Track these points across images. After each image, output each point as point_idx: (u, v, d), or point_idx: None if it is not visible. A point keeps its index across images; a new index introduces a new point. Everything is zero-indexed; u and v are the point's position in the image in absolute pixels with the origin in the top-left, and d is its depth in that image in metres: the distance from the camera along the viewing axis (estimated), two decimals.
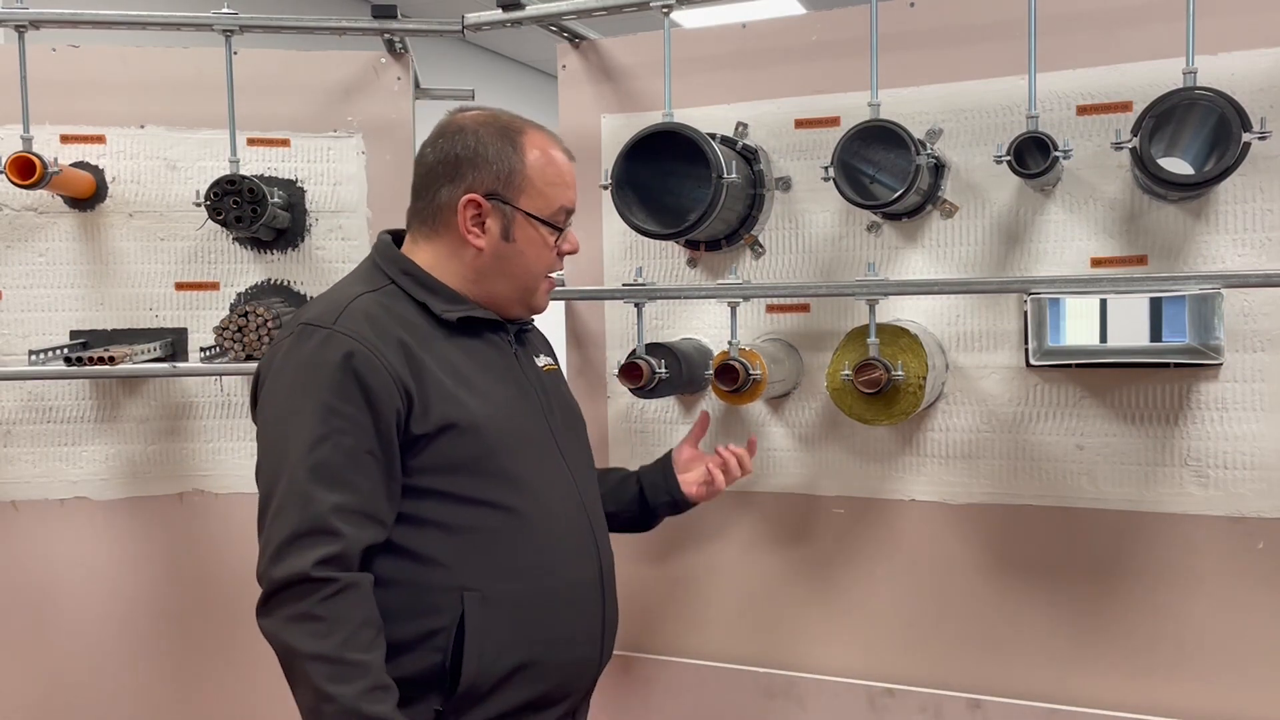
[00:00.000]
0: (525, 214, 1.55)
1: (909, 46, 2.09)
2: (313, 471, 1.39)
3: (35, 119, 2.16)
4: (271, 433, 1.46)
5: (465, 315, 1.55)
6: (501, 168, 1.54)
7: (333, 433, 1.40)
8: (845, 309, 2.17)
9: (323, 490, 1.39)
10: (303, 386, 1.44)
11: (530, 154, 1.56)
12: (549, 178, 1.57)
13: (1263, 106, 1.83)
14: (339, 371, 1.42)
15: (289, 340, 1.48)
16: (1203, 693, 1.96)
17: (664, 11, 2.09)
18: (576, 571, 1.58)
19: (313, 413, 1.41)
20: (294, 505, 1.39)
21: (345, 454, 1.40)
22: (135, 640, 2.39)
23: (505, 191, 1.54)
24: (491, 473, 1.50)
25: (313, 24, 2.32)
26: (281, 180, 2.38)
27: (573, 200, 1.62)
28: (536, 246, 1.58)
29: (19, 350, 2.31)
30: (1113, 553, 2.01)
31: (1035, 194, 2.03)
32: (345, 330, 1.45)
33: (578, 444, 1.72)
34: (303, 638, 1.37)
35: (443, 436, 1.47)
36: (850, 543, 2.21)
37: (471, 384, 1.52)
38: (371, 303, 1.51)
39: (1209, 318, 1.92)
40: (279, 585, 1.38)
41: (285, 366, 1.47)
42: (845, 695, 2.18)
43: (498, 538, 1.50)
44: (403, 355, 1.46)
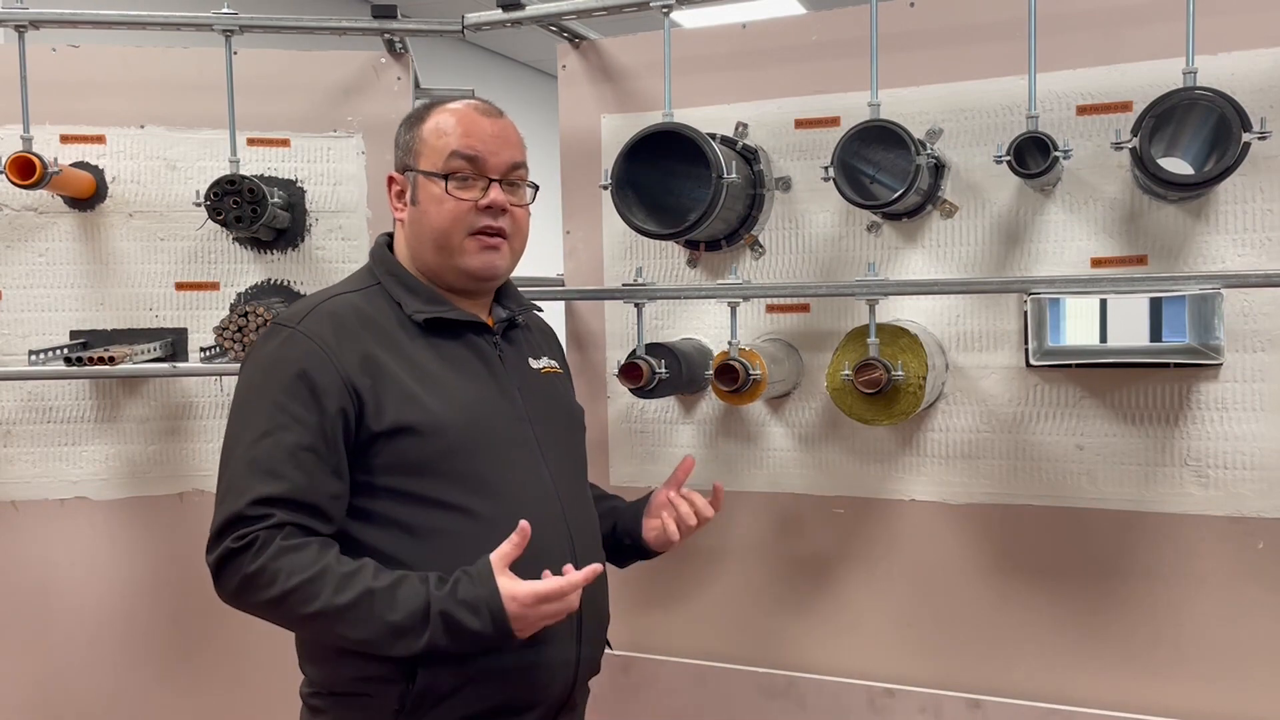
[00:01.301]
0: (422, 173, 1.58)
1: (909, 46, 2.09)
2: (250, 464, 1.44)
3: (35, 119, 2.16)
4: (229, 425, 1.51)
5: (433, 316, 1.57)
6: (407, 138, 1.61)
7: (276, 429, 1.45)
8: (845, 309, 2.17)
9: (252, 481, 1.43)
10: (258, 383, 1.49)
11: (431, 118, 1.60)
12: (440, 130, 1.58)
13: (1263, 106, 1.83)
14: (291, 371, 1.46)
15: (261, 336, 1.57)
16: (1203, 693, 1.96)
17: (664, 11, 2.09)
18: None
19: (261, 409, 1.47)
20: (228, 496, 1.45)
21: (285, 450, 1.44)
22: (135, 640, 2.39)
23: (408, 158, 1.60)
24: (452, 474, 1.49)
25: (313, 24, 2.32)
26: (281, 180, 2.38)
27: (473, 146, 1.55)
28: (435, 200, 1.56)
29: (19, 350, 2.31)
30: (1113, 553, 2.01)
31: (1035, 194, 2.03)
32: (305, 330, 1.49)
33: (566, 448, 1.68)
34: (257, 593, 1.41)
35: (400, 437, 1.48)
36: (850, 543, 2.21)
37: (436, 384, 1.52)
38: (344, 304, 1.55)
39: (1209, 318, 1.92)
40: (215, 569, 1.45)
41: (251, 362, 1.54)
42: (845, 695, 2.18)
43: (458, 541, 1.48)
44: (360, 357, 1.49)
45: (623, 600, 2.36)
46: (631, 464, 2.40)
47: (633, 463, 2.39)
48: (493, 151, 1.57)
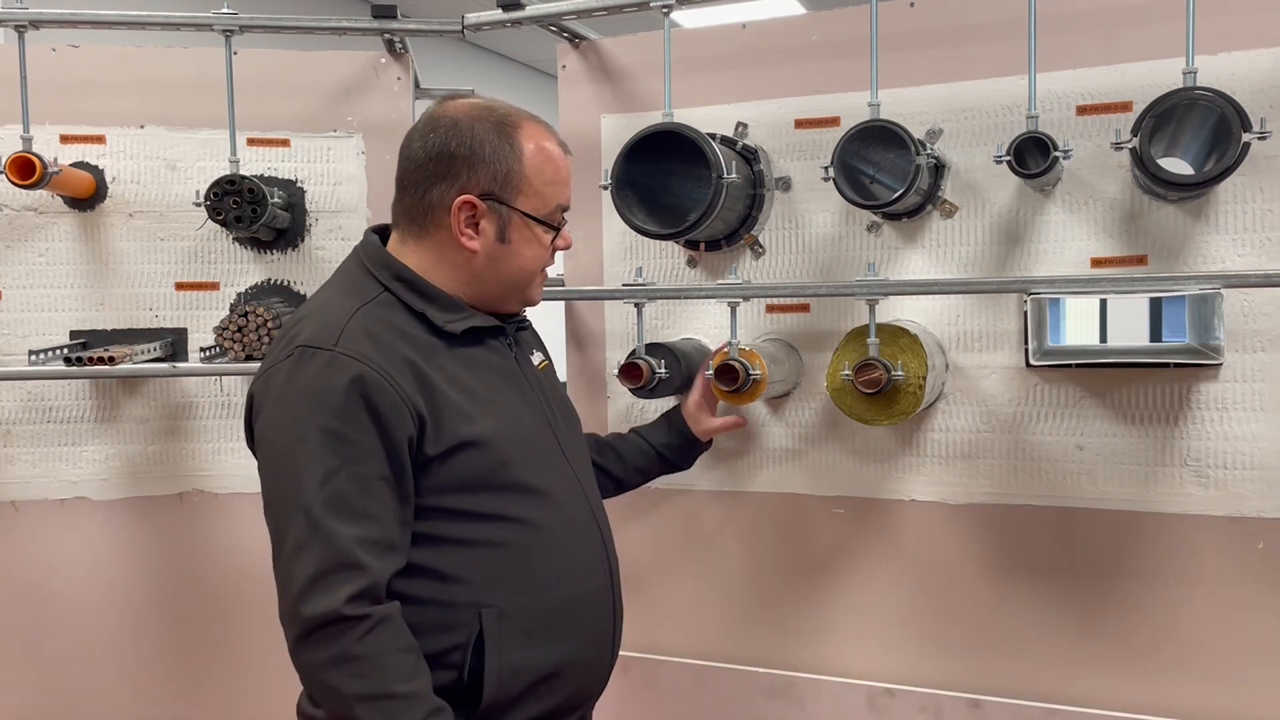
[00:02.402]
0: (523, 215, 1.49)
1: (909, 46, 2.09)
2: (328, 505, 1.34)
3: (35, 119, 2.16)
4: (279, 466, 1.39)
5: (469, 326, 1.50)
6: (499, 168, 1.47)
7: (345, 463, 1.35)
8: (845, 309, 2.17)
9: (342, 524, 1.34)
10: (307, 414, 1.36)
11: (528, 151, 1.48)
12: (547, 176, 1.50)
13: (1263, 106, 1.83)
14: (346, 397, 1.35)
15: (287, 364, 1.40)
16: (1203, 692, 1.96)
17: (664, 11, 2.09)
18: (590, 580, 1.55)
19: (322, 443, 1.35)
20: (315, 541, 1.34)
21: (360, 484, 1.35)
22: (135, 640, 2.39)
23: (502, 192, 1.47)
24: (505, 486, 1.47)
25: (313, 24, 2.32)
26: (281, 180, 2.38)
27: (569, 198, 1.57)
28: (532, 246, 1.52)
29: (19, 350, 2.31)
30: (1113, 553, 2.01)
31: (1035, 194, 2.02)
32: (349, 352, 1.38)
33: (578, 445, 1.70)
34: (346, 680, 1.33)
35: (456, 455, 1.42)
36: (850, 543, 2.21)
37: (480, 397, 1.47)
38: (369, 318, 1.44)
39: (1209, 318, 1.92)
40: (312, 626, 1.34)
41: (287, 393, 1.39)
42: (845, 695, 2.18)
43: (514, 552, 1.46)
44: (412, 375, 1.40)
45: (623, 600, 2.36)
46: None
47: None
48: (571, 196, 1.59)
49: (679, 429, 1.96)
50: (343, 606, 1.32)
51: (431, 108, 1.54)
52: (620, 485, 1.96)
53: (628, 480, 1.96)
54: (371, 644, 1.33)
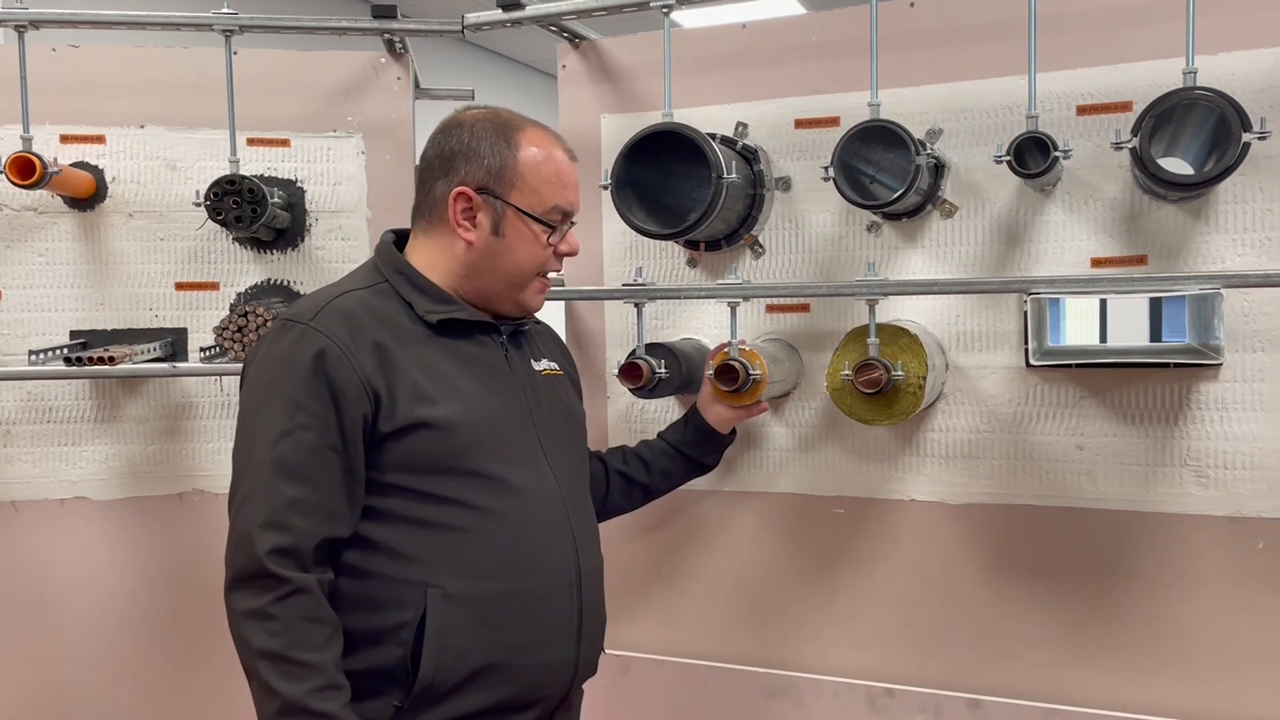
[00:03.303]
0: (516, 209, 1.56)
1: (909, 46, 2.09)
2: (274, 463, 1.43)
3: (35, 119, 2.16)
4: (244, 423, 1.50)
5: (446, 317, 1.56)
6: (494, 162, 1.55)
7: (296, 428, 1.44)
8: (845, 309, 2.17)
9: (283, 483, 1.43)
10: (273, 381, 1.48)
11: (525, 150, 1.56)
12: (544, 175, 1.57)
13: (1263, 106, 1.82)
14: (308, 369, 1.45)
15: (271, 333, 1.53)
16: (1203, 693, 1.96)
17: (664, 11, 2.09)
18: (549, 577, 1.56)
19: (280, 407, 1.45)
20: (256, 496, 1.44)
21: (308, 450, 1.43)
22: (135, 640, 2.39)
23: (496, 186, 1.55)
24: (461, 471, 1.51)
25: (313, 24, 2.32)
26: (281, 180, 2.38)
27: (571, 202, 1.61)
28: (527, 243, 1.58)
29: (19, 350, 2.31)
30: (1113, 553, 2.01)
31: (1035, 194, 2.03)
32: (320, 328, 1.48)
33: (569, 451, 1.70)
34: (257, 634, 1.41)
35: (411, 434, 1.48)
36: (850, 543, 2.21)
37: (447, 383, 1.53)
38: (356, 300, 1.53)
39: (1209, 318, 1.92)
40: (238, 575, 1.43)
41: (264, 360, 1.51)
42: (845, 695, 2.18)
43: (465, 537, 1.49)
44: (376, 356, 1.48)
45: (622, 600, 2.37)
46: None
47: None
48: (577, 202, 1.63)
49: (696, 423, 1.96)
50: (265, 558, 1.40)
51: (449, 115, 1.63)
52: (649, 492, 1.97)
53: (655, 486, 1.96)
54: (287, 607, 1.40)
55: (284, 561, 1.41)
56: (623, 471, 1.93)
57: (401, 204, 2.42)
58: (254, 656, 1.41)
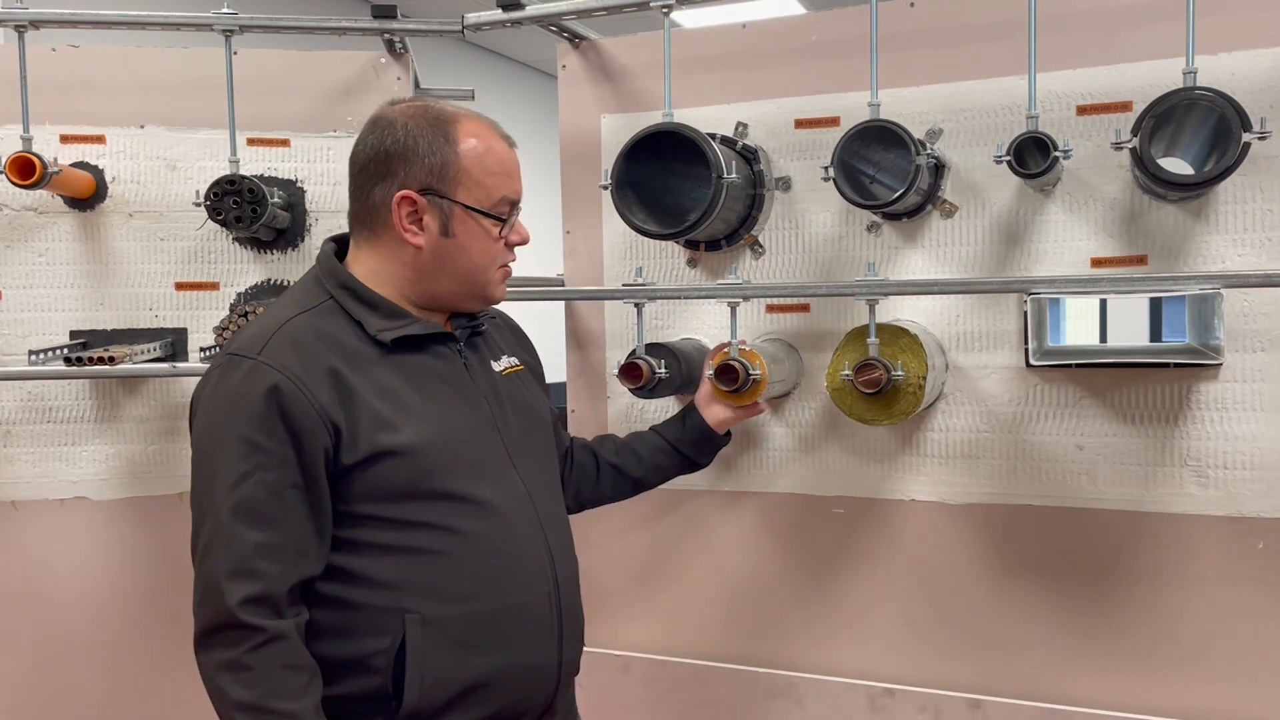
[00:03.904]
0: (465, 207, 1.48)
1: (909, 46, 2.09)
2: (235, 510, 1.37)
3: (35, 119, 2.16)
4: (199, 467, 1.43)
5: (400, 334, 1.50)
6: (434, 161, 1.47)
7: (255, 469, 1.38)
8: (845, 309, 2.17)
9: (247, 529, 1.37)
10: (225, 421, 1.41)
11: (465, 144, 1.48)
12: (488, 167, 1.49)
13: (1263, 106, 1.83)
14: (263, 405, 1.38)
15: (218, 371, 1.45)
16: (1203, 693, 1.96)
17: (664, 11, 2.09)
18: (526, 590, 1.52)
19: (235, 449, 1.38)
20: (219, 544, 1.37)
21: (268, 490, 1.38)
22: (135, 640, 2.39)
23: (440, 185, 1.47)
24: (430, 495, 1.46)
25: (313, 24, 2.32)
26: (281, 180, 2.38)
27: (517, 190, 1.54)
28: (480, 240, 1.51)
29: (19, 350, 2.31)
30: (1113, 553, 2.01)
31: (1035, 194, 2.03)
32: (270, 361, 1.41)
33: (535, 453, 1.65)
34: (232, 685, 1.35)
35: (375, 464, 1.43)
36: (850, 543, 2.21)
37: (407, 406, 1.47)
38: (302, 326, 1.46)
39: (1209, 318, 1.92)
40: (209, 628, 1.37)
41: (213, 399, 1.44)
42: (845, 695, 2.18)
43: (439, 560, 1.46)
44: (332, 385, 1.42)
45: (622, 600, 2.37)
46: None
47: None
48: (521, 190, 1.56)
49: (693, 423, 1.93)
50: (237, 609, 1.35)
51: (375, 111, 1.55)
52: (639, 485, 1.93)
53: (646, 479, 1.93)
54: (262, 657, 1.35)
55: (256, 610, 1.35)
56: (614, 464, 1.89)
57: None
58: (231, 708, 1.35)
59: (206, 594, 1.38)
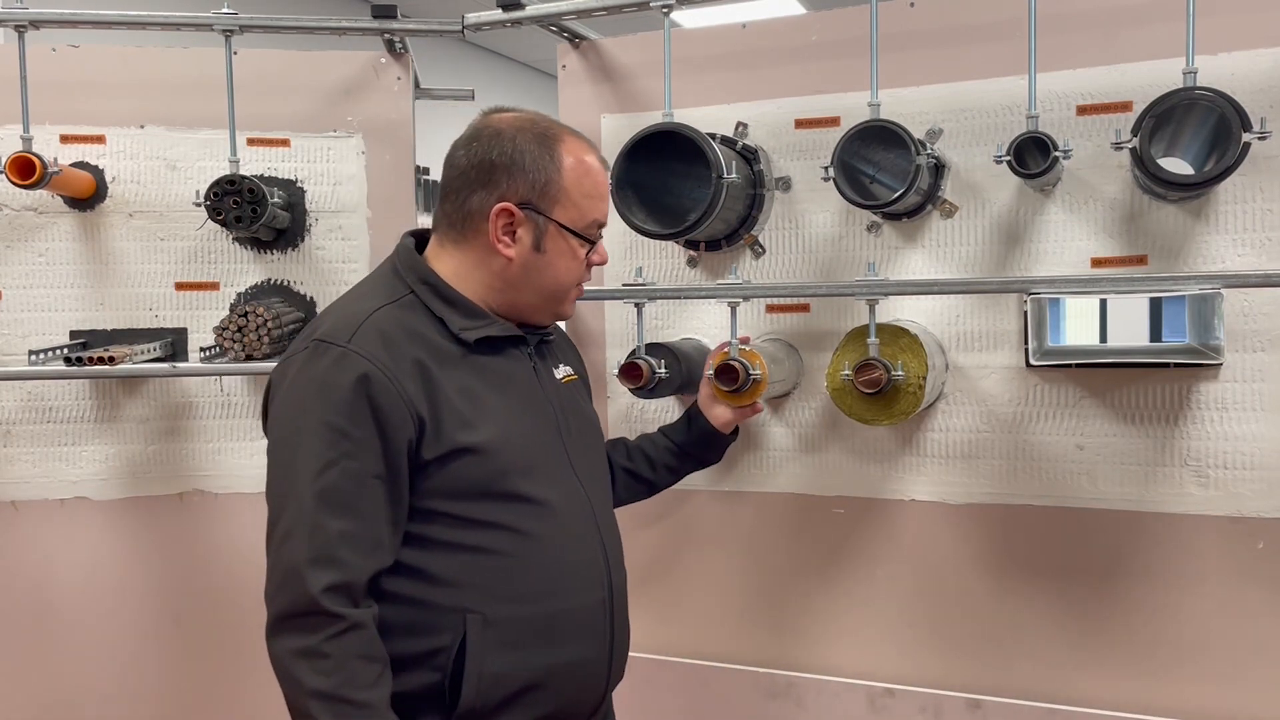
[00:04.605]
0: (559, 225, 1.50)
1: (909, 46, 2.09)
2: (319, 496, 1.36)
3: (35, 119, 2.16)
4: (280, 453, 1.42)
5: (482, 334, 1.51)
6: (538, 177, 1.48)
7: (342, 457, 1.37)
8: (845, 309, 2.17)
9: (331, 517, 1.36)
10: (313, 407, 1.39)
11: (568, 162, 1.50)
12: (585, 189, 1.51)
13: (1263, 106, 1.83)
14: (351, 394, 1.38)
15: (303, 355, 1.44)
16: (1203, 693, 1.96)
17: (664, 11, 2.09)
18: (583, 596, 1.54)
19: (321, 435, 1.38)
20: (302, 531, 1.36)
21: (353, 479, 1.37)
22: (135, 640, 2.39)
23: (540, 201, 1.49)
24: (502, 496, 1.47)
25: (313, 24, 2.32)
26: (281, 180, 2.38)
27: (605, 213, 1.57)
28: (567, 259, 1.53)
29: (19, 350, 2.31)
30: (1113, 553, 2.01)
31: (1035, 194, 2.03)
32: (360, 350, 1.40)
33: (593, 460, 1.67)
34: (308, 673, 1.34)
35: (453, 461, 1.43)
36: (850, 543, 2.21)
37: (485, 406, 1.48)
38: (388, 318, 1.46)
39: (1209, 318, 1.92)
40: (285, 614, 1.36)
41: (297, 384, 1.43)
42: (845, 695, 2.18)
43: (505, 561, 1.46)
44: (419, 378, 1.42)
45: None
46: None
47: None
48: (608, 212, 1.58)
49: (698, 424, 1.93)
50: (319, 596, 1.34)
51: (477, 118, 1.56)
52: (653, 487, 1.93)
53: (659, 481, 1.93)
54: (340, 645, 1.34)
55: (337, 598, 1.35)
56: (627, 468, 1.90)
57: (401, 204, 2.44)
58: (305, 696, 1.34)
59: (286, 580, 1.36)
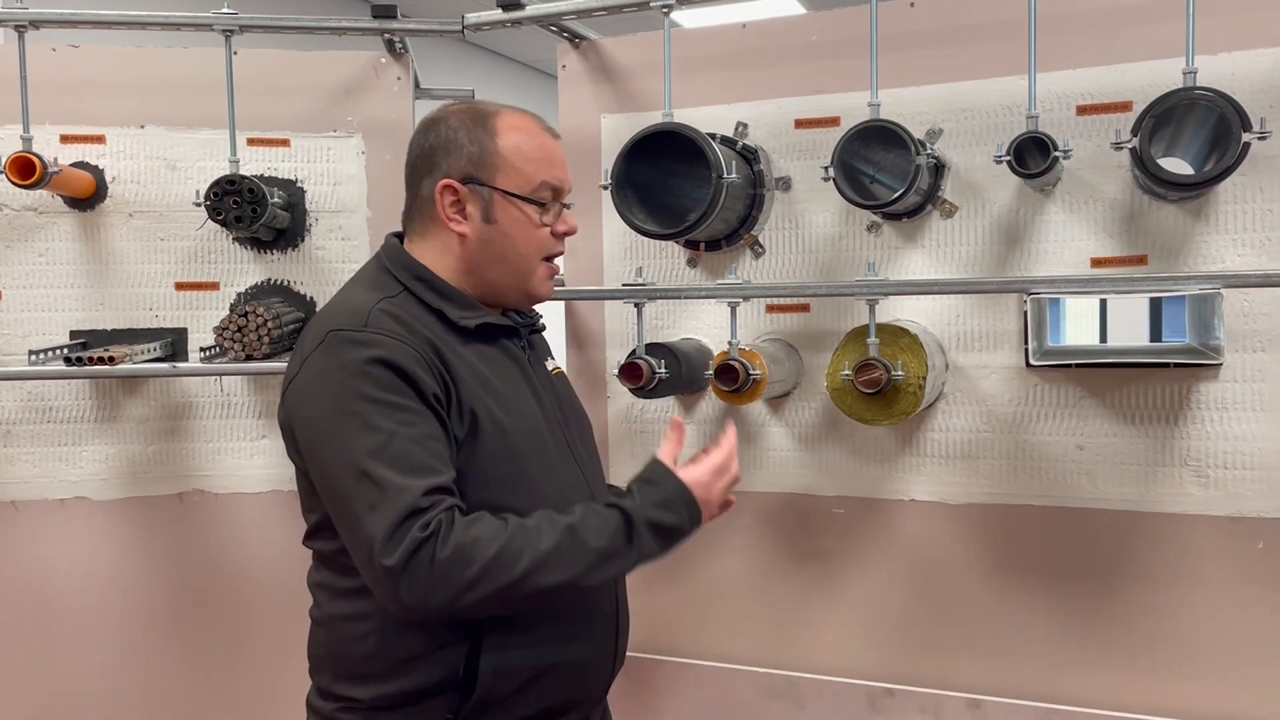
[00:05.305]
0: (504, 193, 1.51)
1: (909, 46, 2.09)
2: (393, 465, 1.34)
3: (35, 119, 2.16)
4: (333, 444, 1.39)
5: (482, 322, 1.51)
6: (473, 150, 1.50)
7: (401, 425, 1.36)
8: (845, 309, 2.17)
9: (409, 478, 1.34)
10: (352, 390, 1.38)
11: (504, 131, 1.51)
12: (527, 153, 1.52)
13: (1263, 106, 1.83)
14: (382, 369, 1.38)
15: (319, 351, 1.43)
16: (1203, 692, 1.96)
17: (664, 11, 2.09)
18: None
19: (373, 411, 1.37)
20: (385, 499, 1.33)
21: (417, 443, 1.36)
22: (135, 640, 2.39)
23: (479, 173, 1.50)
24: (519, 482, 1.47)
25: (313, 24, 2.32)
26: (281, 180, 2.38)
27: (560, 178, 1.56)
28: (521, 226, 1.52)
29: (19, 350, 2.31)
30: (1113, 553, 2.01)
31: (1035, 194, 2.03)
32: (379, 330, 1.42)
33: (589, 451, 1.68)
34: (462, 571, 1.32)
35: (471, 441, 1.43)
36: (850, 543, 2.21)
37: (496, 391, 1.49)
38: (392, 306, 1.47)
39: (1209, 318, 1.92)
40: (402, 568, 1.31)
41: (327, 375, 1.42)
42: (845, 695, 2.18)
43: None
44: (436, 354, 1.43)
45: None
46: (631, 464, 2.39)
47: (633, 463, 2.39)
48: (568, 178, 1.57)
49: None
50: (416, 532, 1.31)
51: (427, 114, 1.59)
52: None
53: None
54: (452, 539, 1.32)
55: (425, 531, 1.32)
56: None
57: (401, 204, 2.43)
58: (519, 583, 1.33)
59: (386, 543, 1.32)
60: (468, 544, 1.32)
